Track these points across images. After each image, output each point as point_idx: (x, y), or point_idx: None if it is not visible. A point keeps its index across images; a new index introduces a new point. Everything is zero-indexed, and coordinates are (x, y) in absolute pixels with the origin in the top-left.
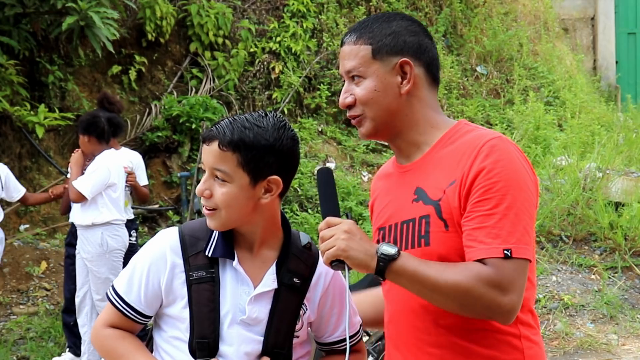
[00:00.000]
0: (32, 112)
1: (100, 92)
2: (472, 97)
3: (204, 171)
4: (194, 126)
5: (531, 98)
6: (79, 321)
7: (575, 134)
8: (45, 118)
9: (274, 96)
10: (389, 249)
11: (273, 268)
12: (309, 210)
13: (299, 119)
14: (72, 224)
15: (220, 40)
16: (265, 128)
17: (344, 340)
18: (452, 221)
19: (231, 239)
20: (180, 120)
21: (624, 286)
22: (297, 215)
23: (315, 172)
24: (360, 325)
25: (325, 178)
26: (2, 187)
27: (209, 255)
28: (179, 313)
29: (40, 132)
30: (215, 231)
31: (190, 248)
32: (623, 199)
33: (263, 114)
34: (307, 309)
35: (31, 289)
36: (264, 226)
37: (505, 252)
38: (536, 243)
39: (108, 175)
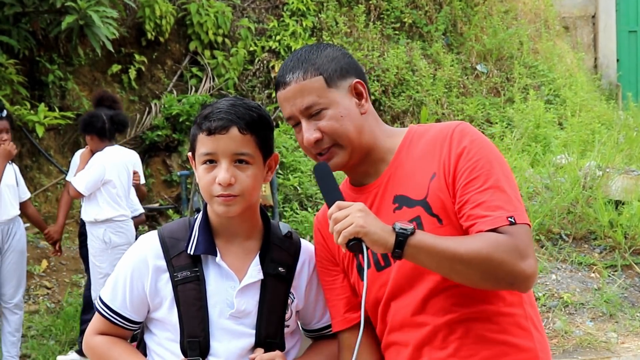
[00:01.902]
0: (32, 112)
1: (97, 90)
2: (472, 95)
3: (212, 161)
4: None
5: (531, 96)
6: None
7: (575, 132)
8: (45, 117)
9: (273, 95)
10: (405, 225)
11: (257, 259)
12: (309, 209)
13: None
14: (81, 223)
15: (219, 39)
16: (259, 108)
17: (328, 327)
18: (446, 213)
19: (211, 235)
20: (180, 119)
21: (623, 284)
22: (297, 214)
23: (313, 168)
24: None
25: (324, 171)
26: (17, 183)
27: (191, 253)
28: (165, 315)
29: (40, 131)
30: (195, 229)
31: (171, 249)
32: (623, 197)
33: (240, 98)
34: (294, 298)
35: (32, 287)
36: (250, 215)
37: (510, 219)
38: (535, 241)
39: (102, 172)
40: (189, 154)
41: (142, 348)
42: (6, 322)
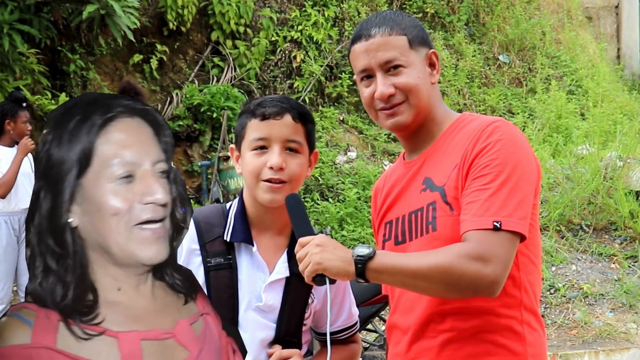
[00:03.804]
0: (53, 101)
1: (123, 80)
2: (494, 86)
3: (262, 148)
4: (215, 115)
5: (553, 87)
6: None
7: (597, 122)
8: None
9: (295, 85)
10: (363, 250)
11: (285, 256)
12: (330, 200)
13: (320, 107)
14: None
15: (241, 29)
16: (305, 105)
17: (344, 330)
18: (457, 204)
19: (248, 224)
20: (202, 109)
21: None
22: (318, 204)
23: (285, 200)
24: (358, 317)
25: (293, 203)
26: (32, 169)
27: (228, 240)
28: None
29: None
30: (231, 216)
31: (206, 234)
32: None
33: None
34: (314, 298)
35: None
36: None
37: (495, 224)
38: (556, 232)
39: None
40: (232, 146)
41: None
42: None
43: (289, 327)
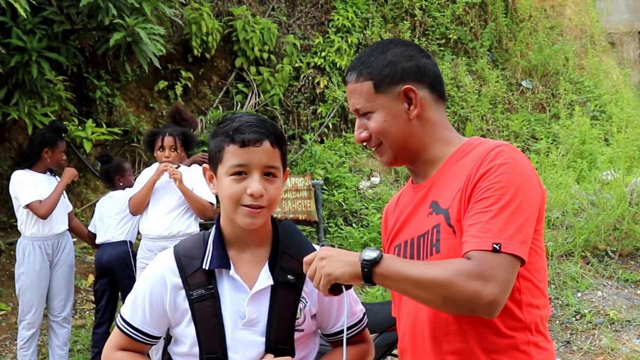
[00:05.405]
0: (79, 127)
1: (173, 105)
2: (517, 111)
3: (241, 173)
4: None
5: (577, 112)
6: None
7: (621, 148)
8: (92, 133)
9: (318, 111)
10: (370, 254)
11: (266, 267)
12: (354, 225)
13: (343, 133)
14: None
15: (265, 55)
16: (274, 123)
17: (349, 329)
18: (459, 227)
19: (224, 248)
20: None
21: None
22: (342, 229)
23: (280, 230)
24: (364, 314)
25: (289, 230)
26: (65, 195)
27: (207, 268)
28: (182, 330)
29: (87, 146)
30: (209, 243)
31: (187, 268)
32: None
33: (255, 114)
34: (307, 302)
35: (78, 302)
36: (263, 224)
37: (495, 245)
38: (581, 258)
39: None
40: (205, 165)
41: (167, 358)
42: (54, 336)
43: (279, 335)
